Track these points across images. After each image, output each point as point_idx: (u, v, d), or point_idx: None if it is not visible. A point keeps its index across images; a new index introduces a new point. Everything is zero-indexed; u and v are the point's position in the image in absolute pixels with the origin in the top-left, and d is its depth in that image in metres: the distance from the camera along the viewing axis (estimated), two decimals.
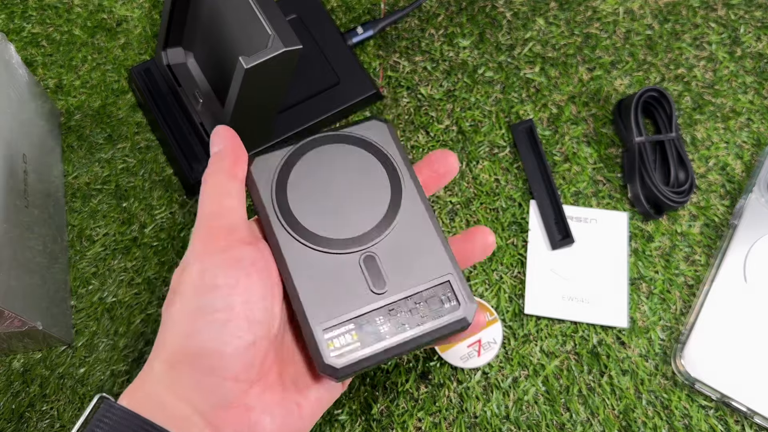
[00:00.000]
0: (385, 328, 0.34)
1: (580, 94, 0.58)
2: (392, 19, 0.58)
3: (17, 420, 0.47)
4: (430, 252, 0.36)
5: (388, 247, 0.36)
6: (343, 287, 0.34)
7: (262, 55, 0.41)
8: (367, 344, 0.33)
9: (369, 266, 0.35)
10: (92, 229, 0.53)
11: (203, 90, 0.52)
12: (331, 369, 0.32)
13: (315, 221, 0.35)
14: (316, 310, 0.33)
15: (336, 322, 0.33)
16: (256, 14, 0.42)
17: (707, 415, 0.47)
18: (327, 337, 0.33)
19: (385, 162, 0.37)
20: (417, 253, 0.36)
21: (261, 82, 0.44)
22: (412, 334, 0.34)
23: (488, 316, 0.49)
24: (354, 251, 0.35)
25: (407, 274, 0.35)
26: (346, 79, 0.56)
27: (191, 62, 0.53)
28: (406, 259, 0.35)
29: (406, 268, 0.35)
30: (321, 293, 0.34)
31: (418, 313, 0.34)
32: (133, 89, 0.56)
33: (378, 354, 0.33)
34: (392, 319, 0.34)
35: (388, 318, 0.34)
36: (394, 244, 0.36)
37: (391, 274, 0.35)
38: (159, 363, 0.31)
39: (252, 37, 0.44)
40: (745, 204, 0.51)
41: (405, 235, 0.36)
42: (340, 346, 0.33)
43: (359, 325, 0.33)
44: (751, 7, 0.61)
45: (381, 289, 0.34)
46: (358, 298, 0.34)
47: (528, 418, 0.47)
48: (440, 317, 0.34)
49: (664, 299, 0.51)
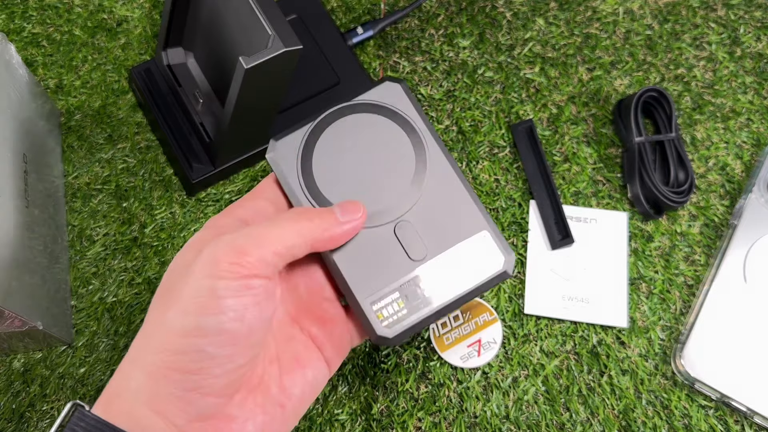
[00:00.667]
0: (429, 292, 0.35)
1: (579, 94, 0.58)
2: (392, 19, 0.58)
3: (18, 420, 0.47)
4: (462, 210, 0.36)
5: (420, 213, 0.36)
6: (383, 259, 0.35)
7: (262, 56, 0.41)
8: (414, 310, 0.34)
9: (404, 235, 0.35)
10: (92, 229, 0.53)
11: (203, 90, 0.52)
12: (383, 339, 0.34)
13: (345, 199, 0.35)
14: (360, 284, 0.34)
15: (381, 294, 0.34)
16: (257, 14, 0.42)
17: (707, 415, 0.47)
18: (375, 309, 0.34)
19: (404, 125, 0.38)
20: (449, 213, 0.36)
21: (261, 82, 0.44)
22: (457, 294, 0.35)
23: (488, 316, 0.50)
24: (387, 222, 0.36)
25: (443, 236, 0.35)
26: (346, 79, 0.56)
27: (191, 62, 0.53)
28: (440, 221, 0.36)
29: (441, 230, 0.36)
30: (363, 268, 0.35)
31: (459, 272, 0.35)
32: (133, 89, 0.56)
33: (426, 318, 0.34)
34: (435, 282, 0.35)
35: (430, 282, 0.35)
36: (425, 208, 0.36)
37: (426, 239, 0.35)
38: (139, 373, 0.29)
39: (252, 37, 0.44)
40: (745, 204, 0.52)
41: (435, 198, 0.36)
42: (388, 316, 0.34)
43: (404, 293, 0.34)
44: (751, 8, 0.61)
45: (420, 256, 0.35)
46: (399, 267, 0.35)
47: (528, 418, 0.47)
48: (482, 272, 0.35)
49: (663, 299, 0.51)
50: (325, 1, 0.61)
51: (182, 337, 0.29)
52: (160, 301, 0.31)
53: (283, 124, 0.54)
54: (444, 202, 0.36)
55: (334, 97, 0.55)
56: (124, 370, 0.30)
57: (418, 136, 0.37)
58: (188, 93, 0.52)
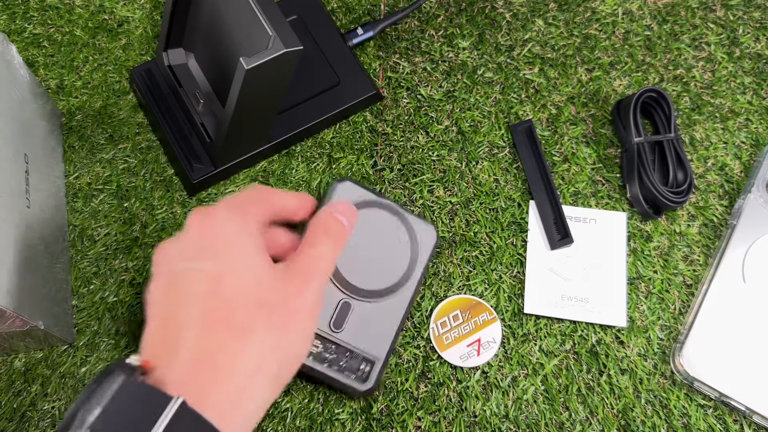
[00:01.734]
0: (315, 352, 0.46)
1: (579, 94, 0.58)
2: (392, 19, 0.58)
3: (19, 419, 0.47)
4: (383, 333, 0.47)
5: (364, 309, 0.47)
6: (324, 310, 0.46)
7: (263, 56, 0.41)
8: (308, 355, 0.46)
9: (342, 309, 0.47)
10: (93, 229, 0.53)
11: (204, 90, 0.53)
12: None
13: (341, 260, 0.47)
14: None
15: None
16: (257, 15, 0.43)
17: (706, 414, 0.48)
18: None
19: (414, 256, 0.49)
20: (376, 326, 0.47)
21: (261, 82, 0.44)
22: (322, 370, 0.45)
23: (487, 316, 0.50)
24: (342, 290, 0.47)
25: (358, 336, 0.46)
26: (346, 79, 0.56)
27: (192, 63, 0.53)
28: (366, 324, 0.47)
29: (362, 329, 0.47)
30: None
31: (339, 362, 0.46)
32: (134, 90, 0.56)
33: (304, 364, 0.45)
34: (324, 352, 0.46)
35: (323, 349, 0.46)
36: (369, 310, 0.47)
37: (349, 325, 0.47)
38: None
39: (253, 37, 0.44)
40: (744, 204, 0.52)
41: (379, 309, 0.47)
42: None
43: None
44: (750, 8, 0.61)
45: (337, 329, 0.46)
46: (323, 323, 0.47)
47: (527, 417, 0.48)
48: (348, 377, 0.46)
49: (662, 299, 0.51)
50: (326, 2, 0.61)
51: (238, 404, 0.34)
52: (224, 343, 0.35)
53: (283, 124, 0.54)
54: (380, 317, 0.47)
55: (334, 97, 0.55)
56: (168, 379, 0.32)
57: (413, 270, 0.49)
58: (189, 93, 0.53)
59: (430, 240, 0.49)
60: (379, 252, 0.48)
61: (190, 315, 0.34)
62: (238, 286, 0.35)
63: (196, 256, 0.36)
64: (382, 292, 0.48)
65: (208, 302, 0.34)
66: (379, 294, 0.48)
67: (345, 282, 0.47)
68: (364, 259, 0.48)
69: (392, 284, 0.48)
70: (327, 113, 0.55)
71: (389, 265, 0.48)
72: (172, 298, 0.35)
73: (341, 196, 0.49)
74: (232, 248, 0.37)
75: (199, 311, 0.34)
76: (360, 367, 0.46)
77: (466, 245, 0.52)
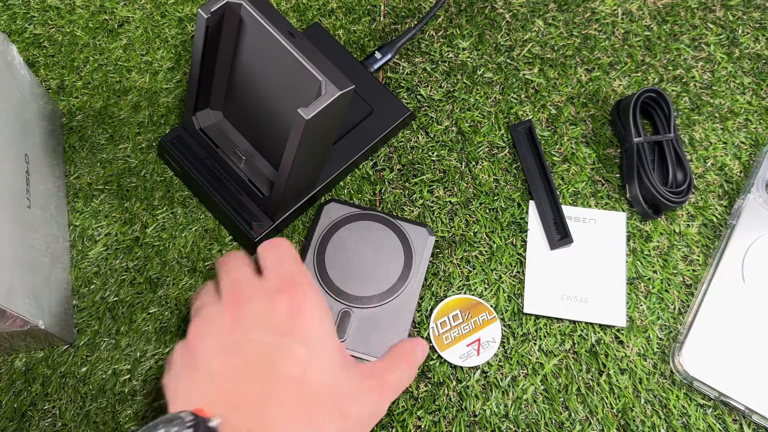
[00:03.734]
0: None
1: (578, 94, 0.58)
2: (407, 37, 0.57)
3: (19, 419, 0.47)
4: (389, 336, 0.48)
5: (364, 315, 0.48)
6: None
7: (320, 103, 0.40)
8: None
9: (343, 318, 0.48)
10: (94, 229, 0.53)
11: (243, 147, 0.51)
12: None
13: (335, 273, 0.49)
14: None
15: None
16: (302, 63, 0.41)
17: (705, 414, 0.48)
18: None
19: (408, 260, 0.50)
20: (380, 332, 0.48)
21: (317, 129, 0.42)
22: None
23: (487, 315, 0.50)
24: (340, 301, 0.49)
25: (361, 341, 0.48)
26: (378, 106, 0.55)
27: (222, 122, 0.52)
28: (368, 332, 0.48)
29: (364, 336, 0.48)
30: None
31: None
32: (166, 160, 0.54)
33: None
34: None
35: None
36: (370, 316, 0.48)
37: (352, 332, 0.48)
38: None
39: (300, 86, 0.42)
40: (743, 204, 0.52)
41: (382, 317, 0.48)
42: None
43: None
44: (750, 8, 0.61)
45: (340, 338, 0.47)
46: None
47: (527, 417, 0.48)
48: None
49: (662, 299, 0.51)
50: (326, 3, 0.61)
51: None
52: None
53: (329, 164, 0.52)
54: (384, 324, 0.48)
55: (372, 126, 0.54)
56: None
57: (408, 273, 0.50)
58: (227, 152, 0.51)
59: (424, 241, 0.50)
60: (372, 259, 0.50)
61: (282, 398, 0.34)
62: (323, 380, 0.36)
63: (287, 331, 0.36)
64: (379, 297, 0.49)
65: (300, 389, 0.34)
66: (376, 299, 0.49)
67: (341, 293, 0.49)
68: (358, 268, 0.49)
69: (388, 289, 0.49)
70: (368, 143, 0.54)
71: (383, 271, 0.49)
72: (258, 371, 0.35)
73: (330, 216, 0.51)
74: (319, 338, 0.37)
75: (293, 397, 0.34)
76: None
77: (466, 245, 0.53)
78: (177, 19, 0.61)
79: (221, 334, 0.37)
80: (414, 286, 0.49)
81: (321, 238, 0.51)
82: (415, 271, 0.50)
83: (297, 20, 0.61)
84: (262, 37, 0.43)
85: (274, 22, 0.43)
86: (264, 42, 0.43)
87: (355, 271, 0.50)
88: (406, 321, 0.48)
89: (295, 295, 0.38)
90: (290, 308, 0.37)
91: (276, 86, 0.45)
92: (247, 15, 0.43)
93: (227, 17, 0.44)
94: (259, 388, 0.34)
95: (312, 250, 0.50)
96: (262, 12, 0.43)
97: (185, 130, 0.53)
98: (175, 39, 0.60)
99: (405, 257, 0.50)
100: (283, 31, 0.42)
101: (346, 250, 0.50)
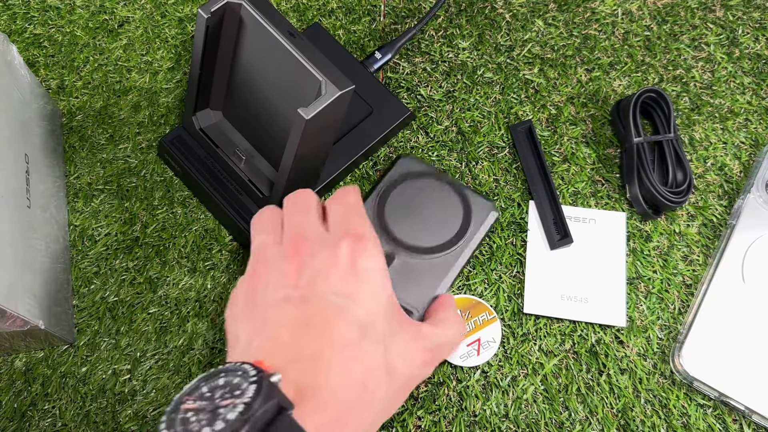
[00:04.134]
0: None
1: (578, 95, 0.58)
2: (407, 37, 0.57)
3: (19, 419, 0.47)
4: (424, 289, 0.48)
5: (406, 263, 0.49)
6: None
7: (320, 103, 0.40)
8: None
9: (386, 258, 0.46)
10: (94, 228, 0.53)
11: (243, 147, 0.51)
12: None
13: (391, 216, 0.51)
14: None
15: None
16: (301, 63, 0.41)
17: (705, 414, 0.48)
18: None
19: (464, 225, 0.50)
20: (417, 284, 0.48)
21: (318, 129, 0.42)
22: None
23: (487, 315, 0.50)
24: (387, 242, 0.50)
25: (396, 285, 0.45)
26: (378, 106, 0.55)
27: (222, 122, 0.52)
28: (405, 280, 0.48)
29: (401, 282, 0.48)
30: None
31: None
32: (166, 160, 0.54)
33: None
34: None
35: None
36: (411, 265, 0.49)
37: (392, 273, 0.47)
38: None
39: (300, 86, 0.42)
40: (743, 204, 0.52)
41: (422, 269, 0.49)
42: None
43: None
44: (750, 8, 0.61)
45: None
46: None
47: (527, 417, 0.48)
48: None
49: (662, 299, 0.51)
50: (326, 2, 0.61)
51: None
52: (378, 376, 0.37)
53: (329, 163, 0.52)
54: (423, 275, 0.49)
55: (372, 126, 0.54)
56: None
57: (463, 239, 0.50)
58: (228, 152, 0.51)
59: (486, 214, 0.51)
60: (430, 215, 0.51)
61: (338, 359, 0.34)
62: (378, 343, 0.36)
63: (349, 292, 0.36)
64: (425, 250, 0.49)
65: (355, 352, 0.35)
66: (422, 251, 0.49)
67: (390, 233, 0.50)
68: (414, 219, 0.50)
69: (436, 245, 0.50)
70: (368, 143, 0.54)
71: (437, 228, 0.50)
72: (317, 328, 0.35)
73: (403, 168, 0.52)
74: (379, 301, 0.37)
75: (348, 360, 0.34)
76: None
77: None
78: (177, 19, 0.61)
79: (283, 284, 0.37)
80: (463, 251, 0.50)
81: (389, 185, 0.52)
82: (468, 238, 0.50)
83: (297, 20, 0.61)
84: (262, 37, 0.43)
85: (274, 22, 0.42)
86: (264, 42, 0.43)
87: (410, 219, 0.50)
88: (446, 281, 0.49)
89: (360, 255, 0.38)
90: (353, 267, 0.37)
91: (276, 86, 0.45)
92: (247, 15, 0.43)
93: (227, 17, 0.44)
94: (316, 346, 0.34)
95: (377, 192, 0.52)
96: (262, 12, 0.43)
97: (185, 130, 0.53)
98: (175, 39, 0.60)
99: (462, 222, 0.50)
100: (283, 31, 0.42)
101: (408, 201, 0.51)
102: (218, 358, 0.49)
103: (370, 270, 0.38)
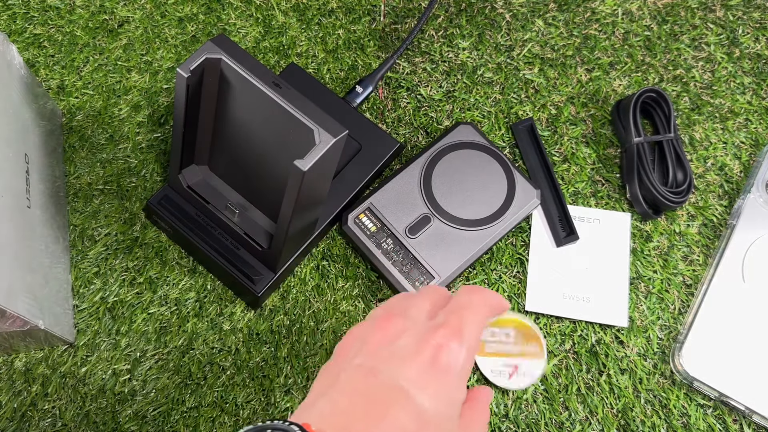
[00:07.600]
0: (387, 248, 0.51)
1: (578, 94, 0.58)
2: (386, 67, 0.56)
3: (19, 419, 0.47)
4: (451, 258, 0.50)
5: (440, 228, 0.51)
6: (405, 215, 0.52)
7: (316, 153, 0.39)
8: None
9: (422, 220, 0.51)
10: (94, 229, 0.53)
11: (235, 200, 0.50)
12: None
13: (437, 181, 0.52)
14: None
15: None
16: (291, 113, 0.40)
17: (705, 414, 0.48)
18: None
19: (505, 205, 0.51)
20: (447, 250, 0.50)
21: (315, 177, 0.41)
22: (386, 265, 0.50)
23: (536, 349, 0.48)
24: (428, 205, 0.51)
25: (427, 248, 0.50)
26: (367, 142, 0.54)
27: (210, 176, 0.50)
28: (437, 244, 0.50)
29: (431, 245, 0.50)
30: None
31: (403, 265, 0.50)
32: (154, 221, 0.53)
33: (372, 253, 0.51)
34: (393, 251, 0.51)
35: (393, 248, 0.51)
36: (445, 232, 0.51)
37: (423, 237, 0.51)
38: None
39: (291, 136, 0.41)
40: (743, 204, 0.52)
41: (455, 236, 0.51)
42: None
43: None
44: (750, 8, 0.61)
45: (412, 236, 0.51)
46: (401, 226, 0.52)
47: (527, 417, 0.48)
48: (406, 280, 0.50)
49: (662, 299, 0.51)
50: (326, 2, 0.61)
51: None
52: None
53: (325, 206, 0.51)
54: (454, 242, 0.50)
55: (363, 163, 0.53)
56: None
57: (504, 215, 0.51)
58: (219, 207, 0.49)
59: (528, 200, 0.51)
60: (474, 187, 0.52)
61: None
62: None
63: (421, 381, 0.34)
64: (462, 221, 0.51)
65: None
66: (458, 222, 0.51)
67: (432, 197, 0.51)
68: (456, 187, 0.52)
69: (474, 219, 0.51)
70: (361, 181, 0.53)
71: (478, 202, 0.51)
72: (377, 406, 0.34)
73: (460, 136, 0.53)
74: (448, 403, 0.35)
75: None
76: (418, 278, 0.50)
77: None
78: (177, 19, 0.61)
79: (363, 351, 0.36)
80: (497, 231, 0.50)
81: (442, 149, 0.53)
82: (506, 219, 0.51)
83: (297, 20, 0.61)
84: (247, 89, 0.42)
85: (257, 74, 0.41)
86: (249, 94, 0.42)
87: (454, 188, 0.52)
88: (472, 256, 0.50)
89: (448, 350, 0.35)
90: (435, 359, 0.35)
91: (266, 137, 0.44)
92: (228, 69, 0.42)
93: (207, 72, 0.42)
94: (368, 423, 0.34)
95: (429, 154, 0.53)
96: (242, 64, 0.41)
97: (172, 189, 0.51)
98: (175, 39, 0.60)
99: (504, 202, 0.51)
100: (267, 83, 0.41)
101: (457, 169, 0.52)
102: (218, 358, 0.49)
103: (451, 368, 0.35)
